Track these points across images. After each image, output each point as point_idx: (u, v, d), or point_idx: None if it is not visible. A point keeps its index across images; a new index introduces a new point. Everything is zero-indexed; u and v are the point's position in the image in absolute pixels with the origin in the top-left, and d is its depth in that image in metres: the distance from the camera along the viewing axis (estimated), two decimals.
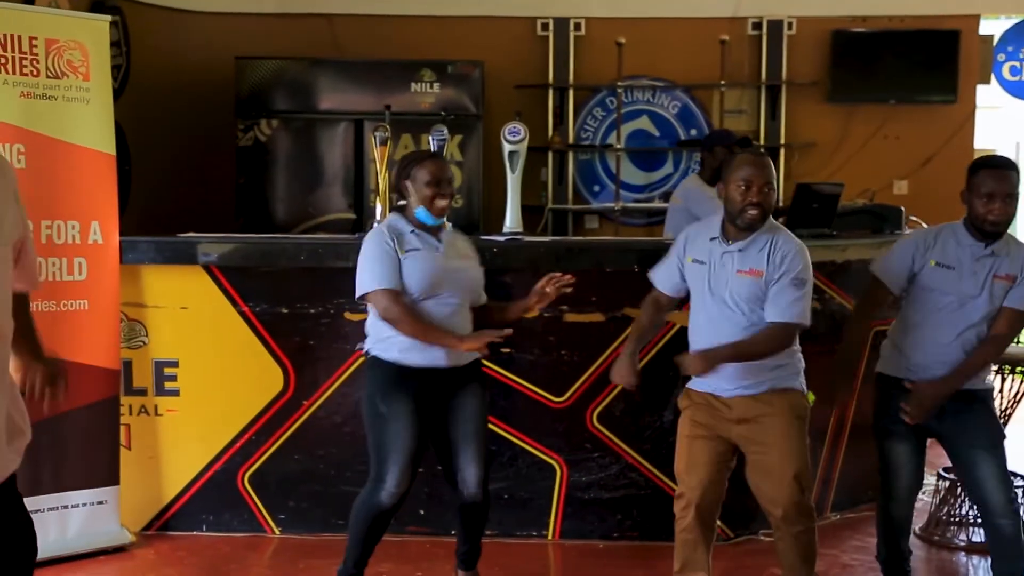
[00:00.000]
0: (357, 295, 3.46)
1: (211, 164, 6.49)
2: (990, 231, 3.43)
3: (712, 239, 3.39)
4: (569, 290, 3.59)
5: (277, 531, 4.40)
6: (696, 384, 3.45)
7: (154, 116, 6.16)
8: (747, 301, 3.32)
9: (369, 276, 3.43)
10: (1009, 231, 3.50)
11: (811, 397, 3.47)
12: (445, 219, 3.57)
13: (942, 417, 3.49)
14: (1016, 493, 3.56)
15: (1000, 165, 3.44)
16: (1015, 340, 3.87)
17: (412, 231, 3.49)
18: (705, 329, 3.39)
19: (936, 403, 3.44)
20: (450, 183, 3.54)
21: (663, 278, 3.55)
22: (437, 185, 3.47)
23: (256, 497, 4.38)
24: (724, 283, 3.35)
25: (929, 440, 3.61)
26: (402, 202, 3.57)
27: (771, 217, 3.41)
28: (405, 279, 3.42)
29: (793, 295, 3.30)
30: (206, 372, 4.36)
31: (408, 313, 3.39)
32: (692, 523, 3.42)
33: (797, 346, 3.43)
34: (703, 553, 3.44)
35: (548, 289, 3.56)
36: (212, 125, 6.48)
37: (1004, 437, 3.55)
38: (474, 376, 3.58)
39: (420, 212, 3.50)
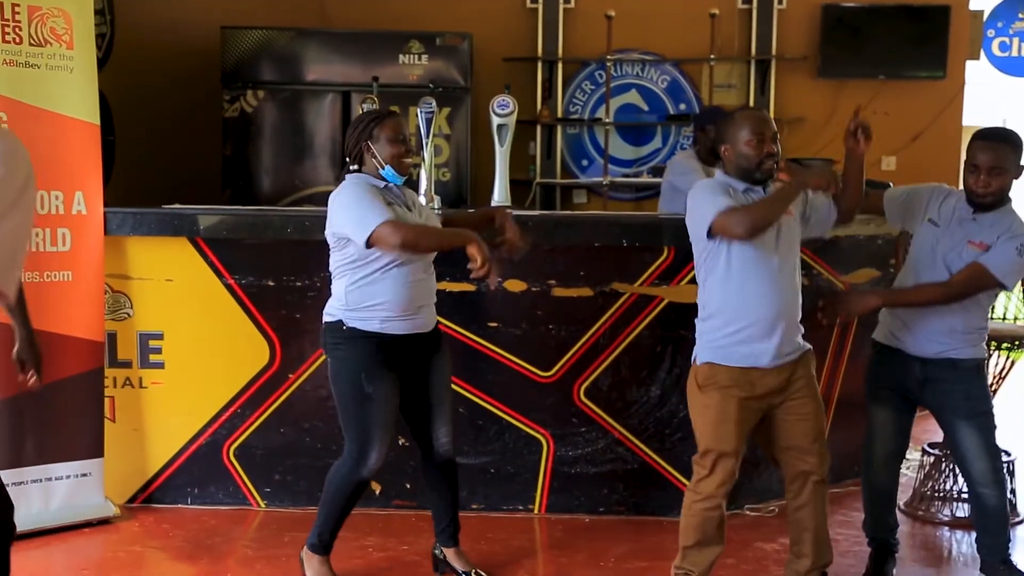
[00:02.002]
0: (363, 238, 3.23)
1: (197, 135, 6.43)
2: (977, 202, 3.43)
3: (746, 190, 3.31)
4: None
5: (262, 504, 4.39)
6: (735, 360, 3.29)
7: (139, 86, 6.10)
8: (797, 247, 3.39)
9: (370, 213, 3.23)
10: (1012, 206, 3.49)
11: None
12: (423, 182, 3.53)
13: (924, 386, 3.53)
14: (1002, 465, 3.58)
15: (990, 136, 3.41)
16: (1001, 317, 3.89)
17: (385, 186, 3.41)
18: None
19: (852, 309, 3.57)
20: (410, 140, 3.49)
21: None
22: (404, 142, 3.39)
23: (241, 470, 4.37)
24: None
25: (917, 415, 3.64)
26: (354, 167, 3.43)
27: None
28: None
29: None
30: (191, 345, 4.34)
31: (420, 229, 3.33)
32: (723, 502, 3.34)
33: None
34: (722, 529, 3.40)
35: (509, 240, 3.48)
36: (198, 95, 6.42)
37: (990, 407, 3.55)
38: (440, 338, 3.59)
39: (388, 172, 3.39)
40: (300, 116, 6.43)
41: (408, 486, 4.34)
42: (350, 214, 3.29)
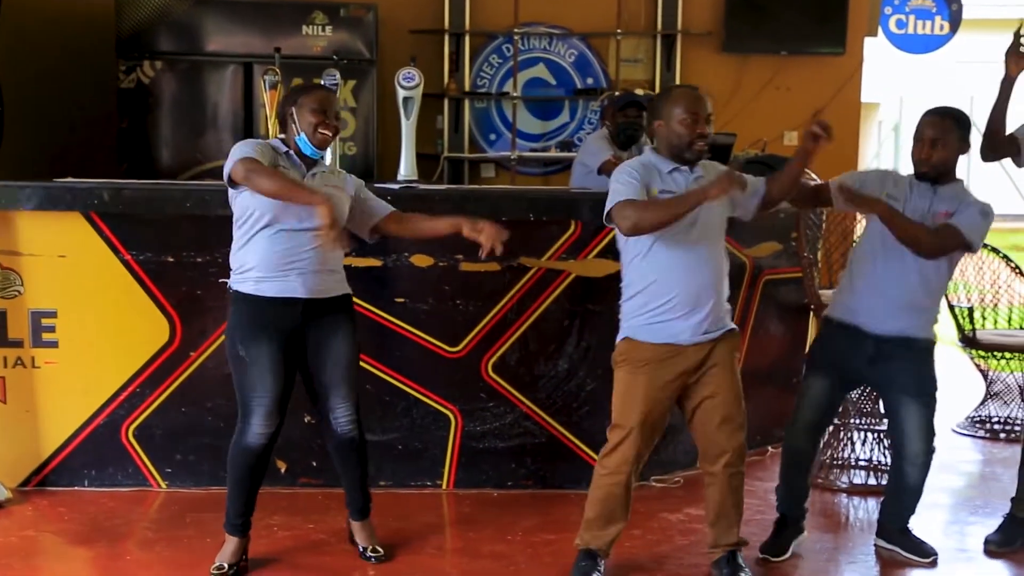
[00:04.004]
0: (226, 173, 3.29)
1: (91, 106, 6.23)
2: (919, 172, 3.56)
3: (673, 171, 3.31)
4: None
5: (163, 485, 4.29)
6: (652, 337, 3.31)
7: (29, 55, 5.87)
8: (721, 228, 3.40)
9: (240, 153, 3.26)
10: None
11: None
12: (327, 158, 3.46)
13: (873, 364, 3.58)
14: (933, 448, 3.65)
15: (935, 112, 3.57)
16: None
17: (287, 153, 3.41)
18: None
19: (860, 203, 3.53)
20: (337, 118, 3.44)
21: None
22: (323, 114, 3.36)
23: (141, 450, 4.27)
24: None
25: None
26: (282, 135, 3.45)
27: None
28: (255, 198, 3.30)
29: None
30: (87, 323, 4.21)
31: (272, 171, 3.23)
32: (628, 479, 3.36)
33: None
34: (625, 506, 3.42)
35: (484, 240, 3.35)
36: (92, 65, 6.21)
37: (936, 388, 3.64)
38: (342, 313, 3.48)
39: (301, 140, 3.38)
40: (200, 88, 6.27)
41: (314, 464, 4.28)
42: (232, 153, 3.31)
